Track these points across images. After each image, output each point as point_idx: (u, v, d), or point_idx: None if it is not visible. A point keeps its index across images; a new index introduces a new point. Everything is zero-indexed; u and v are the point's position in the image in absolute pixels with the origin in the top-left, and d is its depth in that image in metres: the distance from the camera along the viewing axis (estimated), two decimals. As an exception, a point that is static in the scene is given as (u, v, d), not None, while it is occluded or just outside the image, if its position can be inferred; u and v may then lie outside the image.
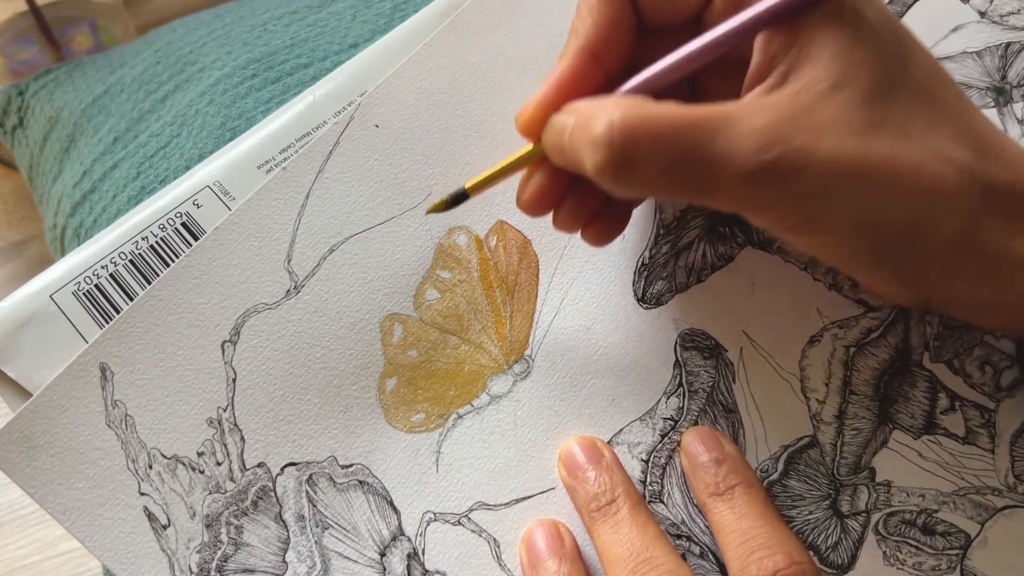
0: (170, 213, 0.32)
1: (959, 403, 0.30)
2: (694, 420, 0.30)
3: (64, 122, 0.43)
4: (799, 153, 0.22)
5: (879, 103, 0.23)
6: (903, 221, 0.23)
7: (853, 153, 0.22)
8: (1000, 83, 0.35)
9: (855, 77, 0.23)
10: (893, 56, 0.24)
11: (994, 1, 0.37)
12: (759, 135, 0.22)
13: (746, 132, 0.23)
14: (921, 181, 0.23)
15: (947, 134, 0.23)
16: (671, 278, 0.32)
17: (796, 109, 0.23)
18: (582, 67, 0.26)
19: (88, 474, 0.28)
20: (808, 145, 0.22)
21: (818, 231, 0.24)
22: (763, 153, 0.22)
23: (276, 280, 0.30)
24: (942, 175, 0.23)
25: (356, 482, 0.29)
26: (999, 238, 0.24)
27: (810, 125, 0.22)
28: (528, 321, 0.31)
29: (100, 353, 0.29)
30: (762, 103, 0.23)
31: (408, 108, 0.33)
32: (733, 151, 0.22)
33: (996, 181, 0.24)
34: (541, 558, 0.27)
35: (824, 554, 0.28)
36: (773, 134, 0.22)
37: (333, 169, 0.32)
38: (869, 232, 0.23)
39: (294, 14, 0.43)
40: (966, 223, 0.23)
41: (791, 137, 0.22)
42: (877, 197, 0.23)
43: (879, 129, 0.23)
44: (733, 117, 0.23)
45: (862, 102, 0.23)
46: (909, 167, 0.23)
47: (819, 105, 0.23)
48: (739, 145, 0.22)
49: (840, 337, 0.31)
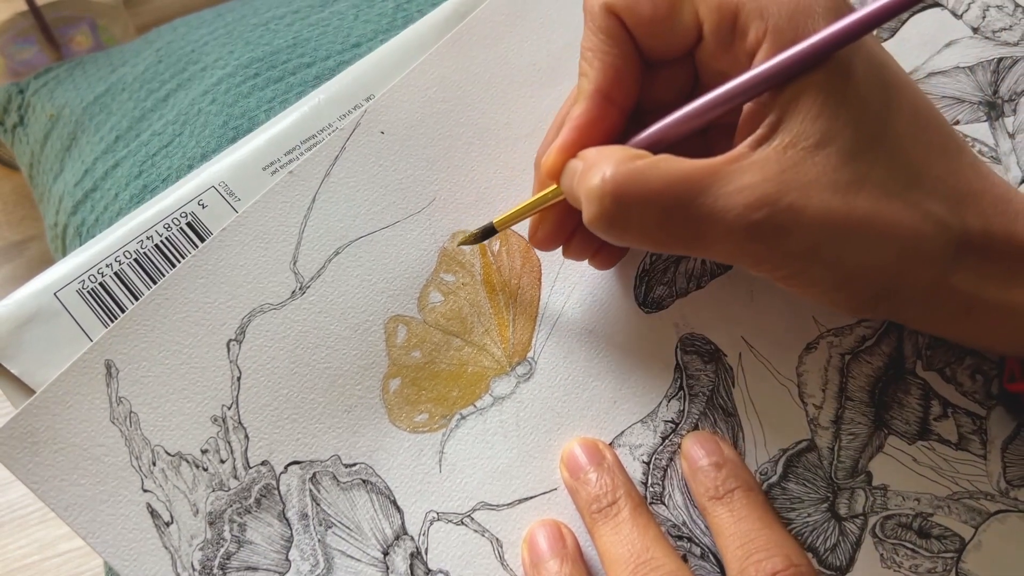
0: (175, 213, 0.32)
1: (951, 410, 0.31)
2: (694, 423, 0.30)
3: (65, 120, 0.43)
4: (788, 212, 0.23)
5: (862, 160, 0.23)
6: (883, 272, 0.24)
7: (839, 210, 0.23)
8: (992, 97, 0.36)
9: (840, 134, 0.23)
10: (878, 111, 0.24)
11: (987, 17, 0.37)
12: (748, 194, 0.23)
13: (735, 190, 0.23)
14: (900, 236, 0.23)
15: (925, 187, 0.24)
16: (671, 283, 0.32)
17: (783, 165, 0.23)
18: (597, 109, 0.27)
19: (91, 470, 0.28)
20: (797, 204, 0.23)
21: (805, 283, 0.25)
22: (752, 212, 0.23)
23: (282, 281, 0.31)
24: (919, 229, 0.24)
25: (360, 481, 0.29)
26: (971, 284, 0.25)
27: (798, 182, 0.23)
28: (531, 324, 0.31)
29: (105, 350, 0.29)
30: (751, 159, 0.24)
31: (413, 115, 0.33)
32: (722, 209, 0.23)
33: (971, 231, 0.24)
34: (543, 558, 0.27)
35: (823, 556, 0.29)
36: (762, 193, 0.23)
37: (339, 174, 0.32)
38: (852, 283, 0.24)
39: (296, 13, 0.43)
40: (940, 273, 0.24)
41: (780, 196, 0.23)
42: (859, 251, 0.24)
43: (862, 186, 0.23)
44: (722, 174, 0.24)
45: (847, 160, 0.23)
46: (890, 223, 0.23)
47: (805, 162, 0.23)
48: (729, 203, 0.23)
49: (836, 345, 0.31)
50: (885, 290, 0.24)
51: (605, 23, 0.26)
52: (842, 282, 0.24)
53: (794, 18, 0.24)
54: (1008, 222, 0.25)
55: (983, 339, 0.27)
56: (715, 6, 0.25)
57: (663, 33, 0.26)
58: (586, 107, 0.27)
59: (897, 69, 0.26)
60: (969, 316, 0.25)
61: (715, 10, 0.25)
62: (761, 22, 0.24)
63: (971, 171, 0.25)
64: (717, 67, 0.27)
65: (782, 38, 0.24)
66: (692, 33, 0.26)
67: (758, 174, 0.23)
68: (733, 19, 0.25)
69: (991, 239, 0.25)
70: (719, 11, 0.25)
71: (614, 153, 0.25)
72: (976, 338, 0.27)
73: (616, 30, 0.26)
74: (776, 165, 0.23)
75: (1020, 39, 0.37)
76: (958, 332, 0.27)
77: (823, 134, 0.23)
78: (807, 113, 0.23)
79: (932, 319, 0.26)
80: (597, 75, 0.27)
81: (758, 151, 0.24)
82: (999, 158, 0.35)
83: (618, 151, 0.25)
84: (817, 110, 0.23)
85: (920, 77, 0.36)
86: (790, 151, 0.23)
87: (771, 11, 0.24)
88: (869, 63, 0.24)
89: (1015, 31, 0.37)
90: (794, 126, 0.24)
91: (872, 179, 0.23)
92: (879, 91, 0.24)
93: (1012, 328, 0.25)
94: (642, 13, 0.26)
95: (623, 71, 0.27)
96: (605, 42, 0.27)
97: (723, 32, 0.25)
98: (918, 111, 0.25)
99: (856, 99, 0.24)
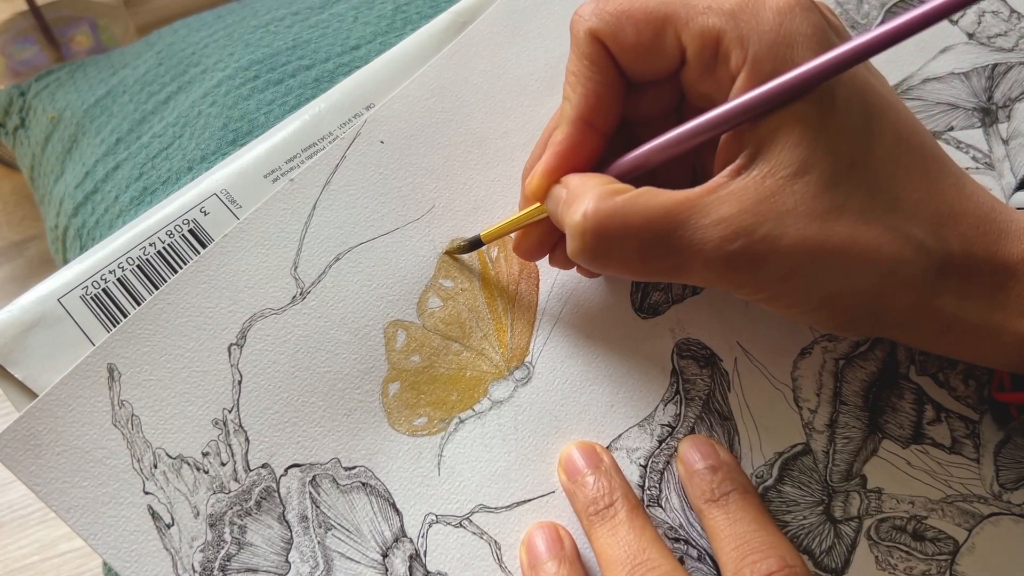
0: (177, 220, 0.32)
1: (945, 414, 0.31)
2: (691, 427, 0.31)
3: (66, 122, 0.43)
4: (763, 242, 0.23)
5: (841, 187, 0.24)
6: (863, 295, 0.24)
7: (816, 238, 0.23)
8: (986, 103, 0.36)
9: (818, 162, 0.24)
10: (858, 138, 0.24)
11: (982, 23, 0.38)
12: (724, 226, 0.24)
13: (712, 223, 0.24)
14: (880, 260, 0.24)
15: (906, 211, 0.24)
16: (668, 289, 0.32)
17: (760, 195, 0.24)
18: (578, 135, 0.27)
19: (93, 472, 0.28)
20: (772, 233, 0.23)
21: (784, 305, 0.25)
22: (728, 244, 0.24)
23: (283, 286, 0.31)
24: (900, 254, 0.24)
25: (359, 484, 0.29)
26: (953, 305, 0.25)
27: (774, 212, 0.23)
28: (529, 329, 0.32)
29: (108, 354, 0.29)
30: (728, 189, 0.24)
31: (412, 125, 0.34)
32: (700, 241, 0.24)
33: (953, 253, 0.25)
34: (541, 560, 0.28)
35: (819, 558, 0.29)
36: (738, 225, 0.23)
37: (339, 182, 0.32)
38: (831, 305, 0.25)
39: (296, 15, 0.43)
40: (921, 295, 0.25)
41: (756, 227, 0.23)
42: (838, 277, 0.24)
43: (840, 213, 0.24)
44: (699, 207, 0.24)
45: (824, 188, 0.24)
46: (869, 248, 0.24)
47: (783, 191, 0.24)
48: (706, 236, 0.24)
49: (830, 350, 0.32)
50: (867, 312, 0.25)
51: (589, 49, 0.27)
52: (821, 305, 0.25)
53: (774, 48, 0.24)
54: (990, 242, 0.25)
55: (966, 355, 0.27)
56: (697, 33, 0.25)
57: (647, 59, 0.27)
58: (568, 132, 0.27)
59: (882, 90, 0.26)
60: (951, 334, 0.26)
61: (697, 37, 0.25)
62: (741, 50, 0.24)
63: (953, 192, 0.25)
64: (701, 89, 0.27)
65: (762, 68, 0.24)
66: (675, 58, 0.26)
67: (735, 205, 0.24)
68: (715, 46, 0.25)
69: (972, 260, 0.25)
70: (701, 38, 0.25)
71: (595, 187, 0.25)
72: (959, 354, 0.27)
73: (600, 56, 0.27)
74: (754, 195, 0.24)
75: (1015, 45, 0.37)
76: (942, 348, 0.27)
77: (801, 163, 0.24)
78: (785, 143, 0.24)
79: (915, 337, 0.27)
80: (579, 101, 0.27)
81: (736, 180, 0.24)
82: (993, 164, 0.35)
83: (599, 184, 0.26)
84: (796, 140, 0.24)
85: (915, 83, 0.36)
86: (768, 180, 0.24)
87: (752, 39, 0.24)
88: (851, 89, 0.24)
89: (1010, 37, 0.37)
90: (772, 156, 0.24)
91: (850, 206, 0.24)
92: (860, 117, 0.24)
93: (993, 346, 0.26)
94: (626, 40, 0.26)
95: (605, 97, 0.27)
96: (589, 68, 0.27)
97: (706, 58, 0.26)
98: (900, 135, 0.25)
99: (836, 128, 0.24)
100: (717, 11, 0.25)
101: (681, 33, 0.26)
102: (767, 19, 0.24)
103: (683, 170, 0.30)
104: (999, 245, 0.25)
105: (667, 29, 0.26)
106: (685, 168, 0.30)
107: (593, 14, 0.27)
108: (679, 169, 0.30)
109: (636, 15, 0.26)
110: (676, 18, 0.26)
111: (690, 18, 0.25)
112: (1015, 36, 0.37)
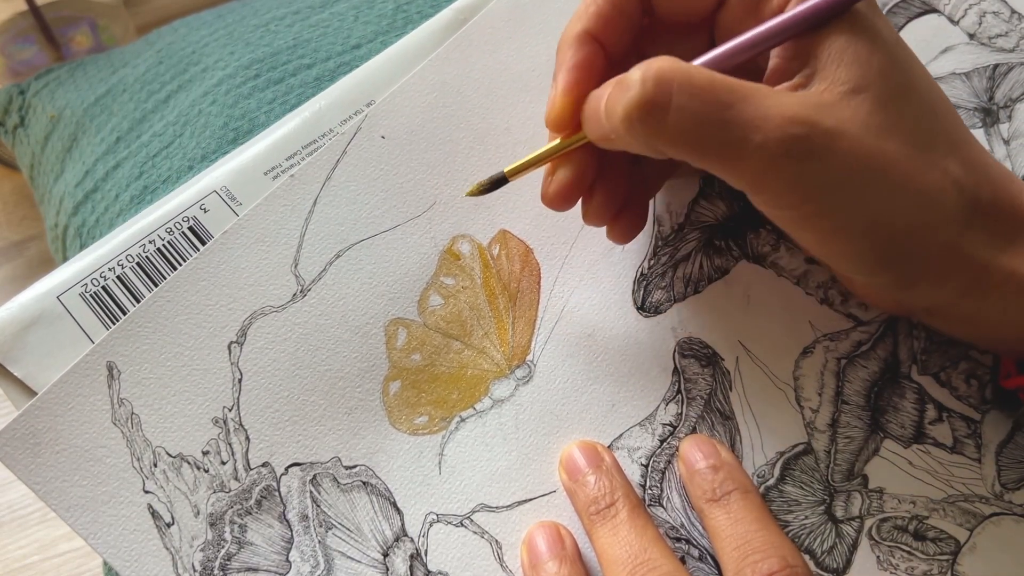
0: (177, 217, 0.32)
1: (946, 414, 0.31)
2: (692, 426, 0.30)
3: (66, 121, 0.43)
4: (825, 137, 0.23)
5: (893, 108, 0.24)
6: (906, 225, 0.25)
7: (871, 150, 0.24)
8: (987, 104, 0.36)
9: (873, 82, 0.24)
10: (904, 66, 0.25)
11: (983, 23, 0.38)
12: (788, 110, 0.23)
13: (776, 104, 0.24)
14: (925, 187, 0.24)
15: (944, 147, 0.25)
16: (669, 288, 0.32)
17: (822, 101, 0.24)
18: (591, 51, 0.27)
19: (93, 471, 0.28)
20: (834, 130, 0.23)
21: (829, 228, 0.25)
22: (792, 126, 0.23)
23: (283, 284, 0.31)
24: (939, 184, 0.24)
25: (360, 483, 0.29)
26: (982, 252, 0.25)
27: (835, 117, 0.24)
28: (530, 327, 0.32)
29: (108, 352, 0.29)
30: (790, 94, 0.24)
31: (413, 120, 0.34)
32: (762, 118, 0.23)
33: (982, 197, 0.25)
34: (542, 559, 0.28)
35: (820, 558, 0.29)
36: (803, 113, 0.23)
37: (340, 178, 0.32)
38: (876, 233, 0.25)
39: (296, 14, 0.43)
40: (954, 234, 0.25)
41: (819, 120, 0.23)
42: (887, 197, 0.24)
43: (892, 133, 0.24)
44: (765, 92, 0.24)
45: (880, 106, 0.24)
46: (915, 174, 0.24)
47: (841, 104, 0.24)
48: (770, 113, 0.23)
49: (831, 349, 0.32)
50: (906, 246, 0.25)
51: None
52: (865, 231, 0.25)
53: None
54: (1014, 195, 0.26)
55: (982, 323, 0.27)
56: None
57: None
58: (576, 48, 0.27)
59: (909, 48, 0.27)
60: (976, 290, 0.26)
61: None
62: None
63: (978, 148, 0.26)
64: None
65: None
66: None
67: (799, 100, 0.24)
68: None
69: (999, 208, 0.25)
70: None
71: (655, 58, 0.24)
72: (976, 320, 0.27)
73: None
74: (816, 99, 0.24)
75: (1016, 45, 0.37)
76: (965, 311, 0.27)
77: (858, 80, 0.24)
78: (842, 61, 0.24)
79: (941, 289, 0.26)
80: (591, 15, 0.27)
81: (796, 92, 0.25)
82: (994, 164, 0.35)
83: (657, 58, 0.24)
84: (851, 58, 0.24)
85: (917, 83, 0.37)
86: (827, 94, 0.24)
87: None
88: (889, 26, 0.26)
89: (1011, 37, 0.37)
90: (830, 73, 0.24)
91: (901, 128, 0.24)
92: (903, 50, 0.26)
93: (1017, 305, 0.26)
94: None
95: (619, 15, 0.27)
96: None
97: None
98: (931, 81, 0.26)
99: (886, 51, 0.25)
100: None
101: None
102: None
103: None
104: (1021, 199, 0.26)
105: None
106: None
107: None
108: None
109: None
110: None
111: None
112: (1016, 36, 0.37)
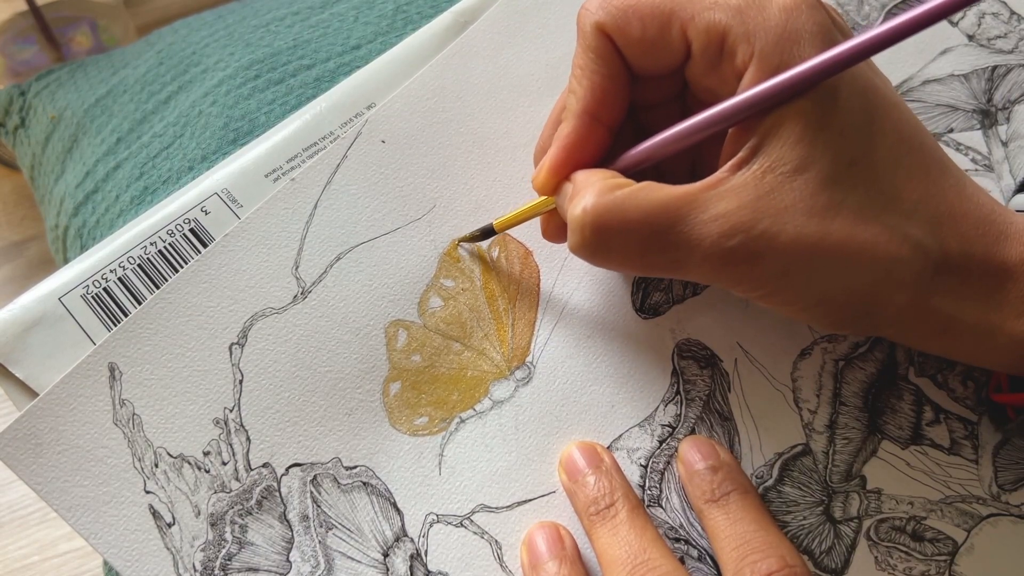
0: (179, 219, 0.32)
1: (944, 415, 0.31)
2: (691, 427, 0.31)
3: (67, 122, 0.43)
4: (760, 239, 0.24)
5: (840, 185, 0.24)
6: (859, 294, 0.24)
7: (813, 235, 0.23)
8: (986, 105, 0.36)
9: (818, 160, 0.24)
10: (859, 136, 0.24)
11: (982, 25, 0.38)
12: (722, 222, 0.24)
13: (710, 219, 0.24)
14: (877, 259, 0.24)
15: (904, 211, 0.24)
16: (668, 289, 0.32)
17: (760, 191, 0.24)
18: (584, 129, 0.27)
19: (94, 472, 0.28)
20: (770, 230, 0.23)
21: (781, 302, 0.25)
22: (726, 240, 0.24)
23: (284, 286, 0.31)
24: (897, 252, 0.24)
25: (360, 483, 0.29)
26: (950, 305, 0.25)
27: (773, 209, 0.24)
28: (530, 329, 0.32)
29: (109, 353, 0.29)
30: (728, 184, 0.24)
31: (414, 125, 0.34)
32: (697, 237, 0.24)
33: (950, 253, 0.25)
34: (542, 560, 0.28)
35: (818, 558, 0.29)
36: (736, 220, 0.24)
37: (340, 181, 0.33)
38: (828, 303, 0.25)
39: (296, 15, 0.43)
40: (917, 294, 0.25)
41: (753, 224, 0.24)
42: (835, 275, 0.24)
43: (839, 211, 0.24)
44: (699, 202, 0.24)
45: (823, 186, 0.24)
46: (866, 246, 0.24)
47: (783, 188, 0.24)
48: (704, 232, 0.24)
49: (830, 351, 0.32)
50: (863, 311, 0.25)
51: (595, 43, 0.27)
52: (818, 302, 0.25)
53: (780, 43, 0.24)
54: (988, 244, 0.25)
55: (963, 356, 0.27)
56: (703, 28, 0.25)
57: (653, 53, 0.27)
58: (574, 126, 0.27)
59: (885, 90, 0.26)
60: (947, 335, 0.26)
61: (703, 32, 0.25)
62: (748, 46, 0.24)
63: (953, 193, 0.26)
64: (705, 84, 0.27)
65: (768, 63, 0.24)
66: (681, 53, 0.27)
67: (734, 201, 0.24)
68: (721, 41, 0.25)
69: (970, 261, 0.25)
70: (707, 33, 0.25)
71: (596, 182, 0.26)
72: (956, 355, 0.28)
73: (606, 50, 0.27)
74: (753, 191, 0.24)
75: (1015, 47, 0.37)
76: (938, 349, 0.27)
77: (801, 160, 0.24)
78: (787, 139, 0.24)
79: (912, 337, 0.27)
80: (585, 94, 0.27)
81: (737, 175, 0.24)
82: (992, 166, 0.35)
83: (601, 180, 0.26)
84: (797, 136, 0.24)
85: (915, 84, 0.37)
86: (768, 176, 0.24)
87: (758, 35, 0.24)
88: (854, 89, 0.25)
89: (1010, 39, 0.37)
90: (773, 151, 0.24)
91: (849, 204, 0.24)
92: (862, 116, 0.25)
93: (990, 348, 0.26)
94: (632, 34, 0.26)
95: (611, 90, 0.27)
96: (595, 61, 0.27)
97: (711, 53, 0.26)
98: (901, 135, 0.25)
99: (837, 125, 0.24)
100: (723, 7, 0.25)
101: (687, 28, 0.26)
102: (773, 15, 0.24)
103: (684, 163, 0.30)
104: (997, 246, 0.25)
105: (673, 24, 0.26)
106: (686, 161, 0.30)
107: (600, 8, 0.27)
108: (680, 162, 0.30)
109: (642, 10, 0.26)
110: (682, 13, 0.26)
111: (696, 13, 0.25)
112: (1015, 38, 0.37)
